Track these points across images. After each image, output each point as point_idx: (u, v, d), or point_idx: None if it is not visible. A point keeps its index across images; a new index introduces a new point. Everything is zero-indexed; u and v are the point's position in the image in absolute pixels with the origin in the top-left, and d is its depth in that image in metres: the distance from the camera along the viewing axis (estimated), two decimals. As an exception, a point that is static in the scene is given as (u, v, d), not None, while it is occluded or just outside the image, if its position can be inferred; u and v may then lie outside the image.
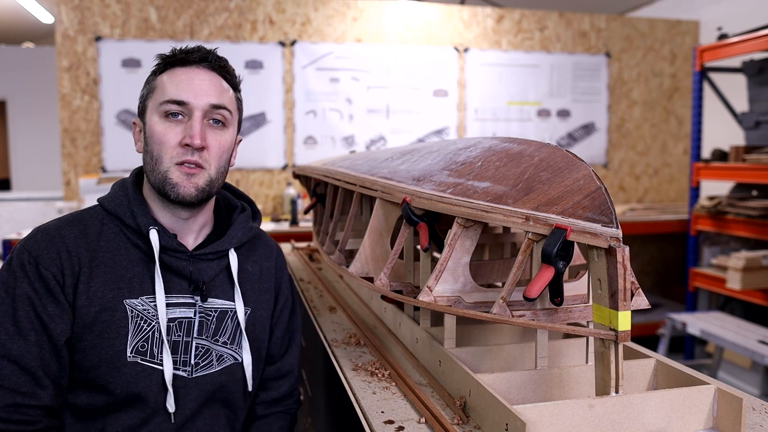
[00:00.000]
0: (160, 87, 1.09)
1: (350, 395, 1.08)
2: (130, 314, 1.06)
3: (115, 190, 1.14)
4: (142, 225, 1.08)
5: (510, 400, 0.97)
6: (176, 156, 1.06)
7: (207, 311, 1.13)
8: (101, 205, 1.13)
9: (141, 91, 1.14)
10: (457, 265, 1.04)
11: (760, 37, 3.22)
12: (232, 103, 1.14)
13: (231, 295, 1.17)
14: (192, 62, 1.10)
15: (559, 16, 4.76)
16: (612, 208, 0.84)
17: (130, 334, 1.05)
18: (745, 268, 3.20)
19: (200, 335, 1.12)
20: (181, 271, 1.11)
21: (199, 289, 1.12)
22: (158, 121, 1.08)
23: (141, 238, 1.09)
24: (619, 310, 0.82)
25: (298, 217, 3.79)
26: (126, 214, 1.09)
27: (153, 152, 1.08)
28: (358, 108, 4.42)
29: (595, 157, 4.88)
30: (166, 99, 1.07)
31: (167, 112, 1.07)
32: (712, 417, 0.91)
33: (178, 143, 1.06)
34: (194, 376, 1.11)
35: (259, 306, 1.22)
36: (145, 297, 1.07)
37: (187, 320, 1.11)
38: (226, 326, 1.16)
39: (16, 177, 7.36)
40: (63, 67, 3.91)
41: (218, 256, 1.16)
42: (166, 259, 1.09)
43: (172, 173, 1.07)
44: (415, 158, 1.39)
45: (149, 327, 1.07)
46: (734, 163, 3.42)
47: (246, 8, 4.18)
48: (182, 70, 1.10)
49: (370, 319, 1.54)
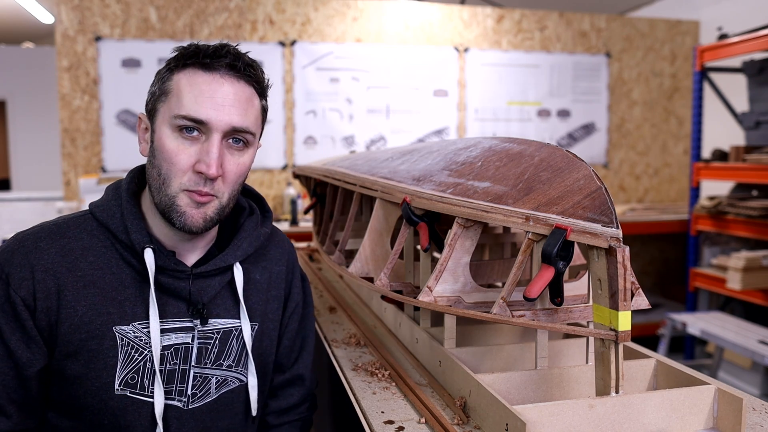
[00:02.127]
0: (176, 93, 0.93)
1: (350, 395, 1.08)
2: (120, 343, 0.95)
3: (108, 198, 1.01)
4: (136, 243, 0.95)
5: (510, 400, 0.97)
6: (187, 182, 0.93)
7: (207, 335, 1.02)
8: (92, 214, 1.00)
9: (152, 86, 0.99)
10: (457, 265, 1.04)
11: (760, 37, 3.22)
12: (256, 121, 0.99)
13: (236, 312, 1.05)
14: (217, 69, 0.94)
15: (559, 16, 4.76)
16: (612, 208, 0.84)
17: (119, 366, 0.95)
18: (746, 268, 3.20)
19: (199, 363, 1.01)
20: (179, 293, 0.99)
21: (198, 312, 1.00)
22: (170, 134, 0.93)
23: (135, 256, 0.97)
24: (620, 310, 0.82)
25: (298, 217, 3.79)
26: (118, 229, 0.97)
27: (161, 170, 0.94)
28: (358, 108, 4.42)
29: (595, 157, 4.88)
30: (182, 114, 0.92)
31: (181, 127, 0.93)
32: (712, 417, 0.91)
33: (191, 166, 0.93)
34: (191, 407, 1.01)
35: (267, 318, 1.11)
36: (137, 323, 0.96)
37: (184, 347, 1.00)
38: (230, 348, 1.05)
39: (16, 177, 7.36)
40: (63, 67, 3.91)
41: (221, 272, 1.03)
42: (162, 279, 0.97)
43: (180, 200, 0.94)
44: (415, 158, 1.39)
45: (141, 357, 0.96)
46: (734, 163, 3.41)
47: (246, 8, 4.18)
48: (204, 77, 0.93)
49: (370, 319, 1.54)
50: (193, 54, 0.95)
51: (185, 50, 0.96)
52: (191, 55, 0.95)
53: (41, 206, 5.07)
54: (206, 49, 0.95)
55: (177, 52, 0.97)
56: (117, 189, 1.02)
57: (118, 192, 1.01)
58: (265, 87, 1.03)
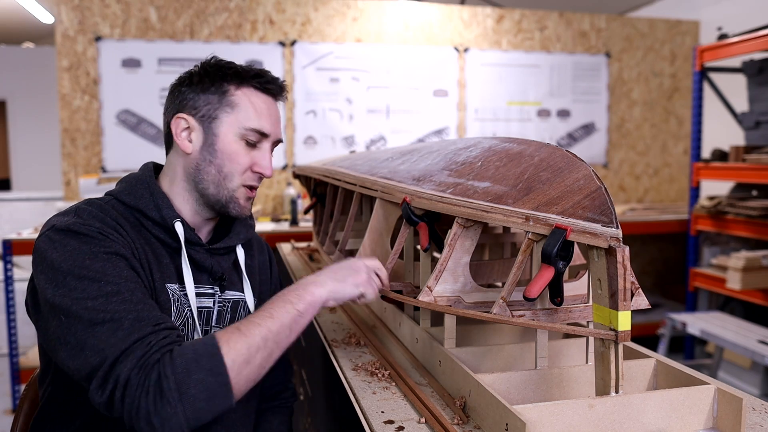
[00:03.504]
0: (243, 108, 1.12)
1: (350, 395, 1.08)
2: (172, 297, 1.08)
3: (131, 184, 1.13)
4: (168, 217, 1.09)
5: (510, 400, 0.97)
6: (247, 179, 1.14)
7: (224, 302, 1.18)
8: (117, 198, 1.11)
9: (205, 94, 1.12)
10: (457, 265, 1.04)
11: (760, 37, 3.22)
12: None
13: (240, 286, 1.23)
14: (271, 93, 1.16)
15: (559, 16, 4.76)
16: (612, 208, 0.84)
17: (173, 318, 1.06)
18: (745, 268, 3.20)
19: (218, 324, 1.16)
20: (202, 264, 1.14)
21: (220, 279, 1.17)
22: (235, 140, 1.12)
23: (164, 231, 1.10)
24: (619, 310, 0.82)
25: (298, 217, 3.79)
26: (149, 207, 1.09)
27: (223, 168, 1.12)
28: (358, 108, 4.42)
29: (595, 157, 4.88)
30: (253, 127, 1.12)
31: (248, 137, 1.12)
32: (712, 417, 0.91)
33: (249, 167, 1.14)
34: None
35: (263, 296, 1.27)
36: (175, 285, 1.10)
37: (207, 310, 1.15)
38: (239, 315, 1.21)
39: (16, 177, 7.36)
40: (63, 67, 3.91)
41: (229, 251, 1.21)
42: (189, 250, 1.12)
43: (238, 193, 1.14)
44: (415, 158, 1.39)
45: (182, 315, 1.10)
46: (734, 163, 3.41)
47: (246, 8, 4.18)
48: (263, 97, 1.15)
49: (370, 319, 1.54)
50: (255, 76, 1.14)
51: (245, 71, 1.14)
52: (254, 76, 1.14)
53: (41, 206, 5.07)
54: (265, 74, 1.16)
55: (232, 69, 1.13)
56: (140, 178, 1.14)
57: (144, 180, 1.14)
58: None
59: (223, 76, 1.13)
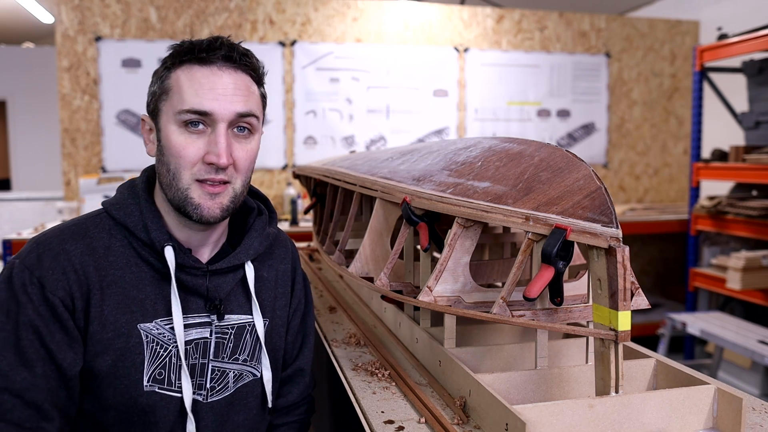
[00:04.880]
0: (177, 89, 0.96)
1: (350, 395, 1.08)
2: (146, 340, 0.97)
3: (124, 196, 1.02)
4: (157, 241, 0.97)
5: (510, 400, 0.98)
6: (198, 173, 0.95)
7: (223, 330, 1.05)
8: (107, 212, 1.01)
9: (151, 86, 1.01)
10: (457, 265, 1.04)
11: (760, 37, 3.22)
12: (258, 106, 1.02)
13: (248, 308, 1.08)
14: (213, 61, 0.96)
15: (559, 16, 4.76)
16: (612, 208, 0.84)
17: (146, 362, 0.96)
18: (745, 268, 3.20)
19: (216, 357, 1.04)
20: (197, 289, 1.01)
21: (215, 307, 1.03)
22: (176, 130, 0.95)
23: (153, 255, 0.98)
24: (619, 310, 0.82)
25: (298, 217, 3.79)
26: (137, 227, 0.98)
27: (170, 166, 0.96)
28: (358, 108, 4.42)
29: (595, 157, 4.88)
30: (186, 108, 0.94)
31: (186, 122, 0.95)
32: (712, 417, 0.91)
33: (200, 159, 0.95)
34: (210, 400, 1.04)
35: (276, 314, 1.15)
36: (159, 320, 0.98)
37: (203, 341, 1.03)
38: (245, 343, 1.07)
39: (16, 177, 7.36)
40: (63, 67, 3.91)
41: (234, 269, 1.06)
42: (181, 276, 0.99)
43: (193, 192, 0.96)
44: (415, 158, 1.39)
45: (166, 352, 0.98)
46: (734, 163, 3.41)
47: (246, 8, 4.18)
48: (202, 70, 0.96)
49: (370, 319, 1.54)
50: (188, 50, 0.97)
51: (180, 47, 0.98)
52: (186, 51, 0.97)
53: (41, 206, 5.07)
54: (200, 43, 0.97)
55: (172, 50, 0.99)
56: (132, 188, 1.04)
57: (135, 191, 1.03)
58: (262, 74, 1.05)
59: (164, 62, 1.00)
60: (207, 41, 0.98)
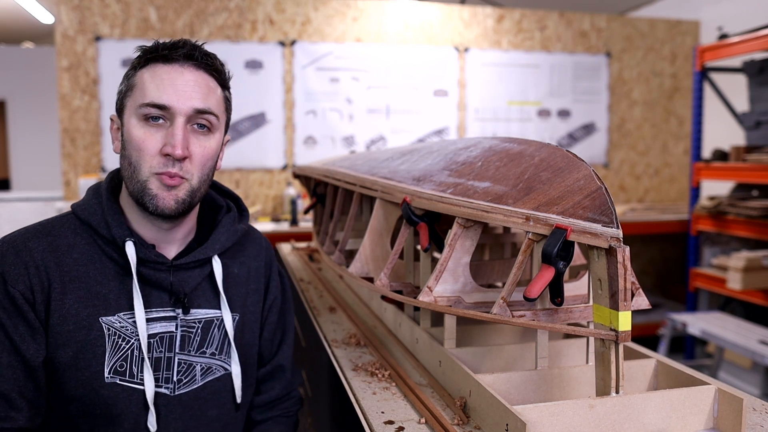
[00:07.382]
0: (140, 86, 0.99)
1: (350, 395, 1.08)
2: (107, 332, 0.99)
3: (89, 197, 1.06)
4: (117, 237, 1.01)
5: (510, 400, 0.97)
6: (156, 165, 0.98)
7: (190, 323, 1.07)
8: (74, 213, 1.05)
9: (119, 86, 1.05)
10: (457, 265, 1.03)
11: (761, 37, 3.22)
12: (219, 106, 1.04)
13: (216, 303, 1.10)
14: (176, 60, 1.00)
15: (559, 16, 4.76)
16: (612, 208, 0.84)
17: (107, 354, 0.99)
18: (746, 268, 3.20)
19: (182, 350, 1.06)
20: (160, 284, 1.04)
21: (180, 301, 1.05)
22: (136, 124, 0.99)
23: (116, 251, 1.02)
24: (620, 311, 0.82)
25: (298, 217, 3.79)
26: (100, 224, 1.02)
27: (131, 159, 0.99)
28: (358, 108, 4.42)
29: (595, 157, 4.88)
30: (146, 102, 0.98)
31: (147, 115, 0.98)
32: (712, 417, 0.91)
33: (159, 151, 0.98)
34: (177, 393, 1.05)
35: (247, 310, 1.16)
36: (123, 313, 1.01)
37: (169, 335, 1.05)
38: (212, 337, 1.09)
39: (16, 177, 7.36)
40: (63, 67, 3.91)
41: (200, 264, 1.08)
42: (144, 271, 1.02)
43: (151, 183, 0.98)
44: (415, 158, 1.39)
45: (128, 345, 1.01)
46: (735, 163, 3.41)
47: (246, 8, 4.18)
48: (165, 68, 0.99)
49: (370, 319, 1.54)
50: (153, 50, 1.01)
51: (146, 48, 1.02)
52: (151, 50, 1.01)
53: (41, 206, 5.07)
54: (165, 43, 1.02)
55: (139, 51, 1.03)
56: (97, 189, 1.08)
57: (98, 191, 1.07)
58: (226, 77, 1.08)
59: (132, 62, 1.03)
60: (172, 41, 1.02)
